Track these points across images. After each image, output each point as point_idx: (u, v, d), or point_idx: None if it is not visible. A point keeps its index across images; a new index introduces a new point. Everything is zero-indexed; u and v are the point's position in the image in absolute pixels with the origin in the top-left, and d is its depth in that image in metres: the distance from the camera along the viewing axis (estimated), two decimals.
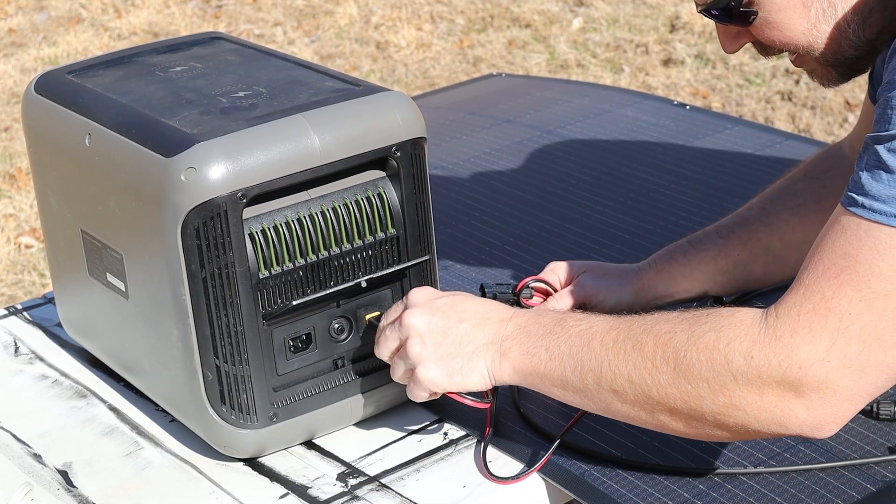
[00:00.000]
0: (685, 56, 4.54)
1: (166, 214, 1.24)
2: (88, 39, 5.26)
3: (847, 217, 1.12)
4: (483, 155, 2.09)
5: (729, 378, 1.14)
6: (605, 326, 1.22)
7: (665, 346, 1.17)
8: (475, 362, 1.27)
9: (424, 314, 1.28)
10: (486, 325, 1.28)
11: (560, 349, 1.23)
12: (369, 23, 5.19)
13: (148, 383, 1.43)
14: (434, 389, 1.28)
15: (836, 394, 1.11)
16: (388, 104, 1.33)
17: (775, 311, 1.14)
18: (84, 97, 1.40)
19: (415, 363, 1.27)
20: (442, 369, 1.27)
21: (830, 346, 1.11)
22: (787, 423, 1.14)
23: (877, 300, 1.10)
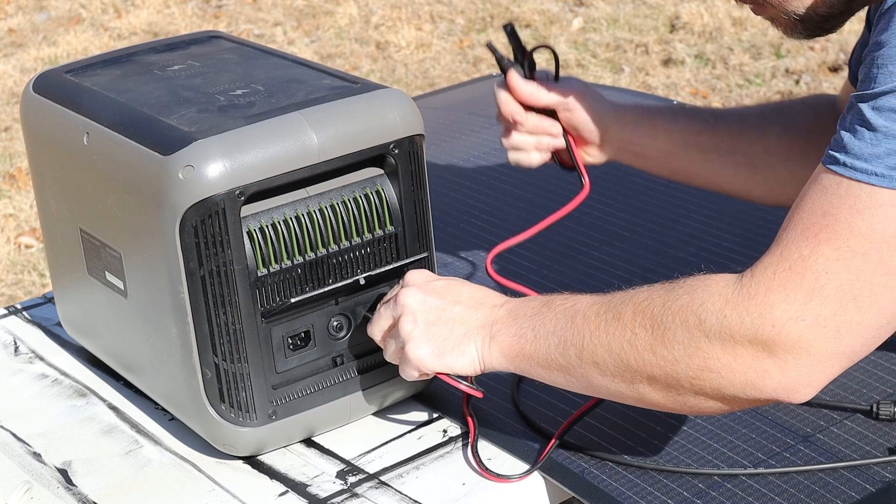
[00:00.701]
0: (685, 56, 4.54)
1: (164, 212, 1.24)
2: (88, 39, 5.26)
3: (827, 176, 1.10)
4: (483, 154, 2.09)
5: (702, 338, 1.13)
6: (589, 301, 1.22)
7: (643, 312, 1.17)
8: (466, 345, 1.27)
9: (419, 293, 1.28)
10: (479, 309, 1.28)
11: (545, 328, 1.23)
12: (369, 23, 5.19)
13: (147, 382, 1.43)
14: (423, 369, 1.28)
15: (811, 354, 1.10)
16: (386, 102, 1.33)
17: (751, 271, 1.13)
18: (82, 96, 1.40)
19: (405, 340, 1.28)
20: (432, 348, 1.27)
21: (805, 305, 1.09)
22: (762, 384, 1.12)
23: (854, 259, 1.08)
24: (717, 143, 1.49)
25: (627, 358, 1.17)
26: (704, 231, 1.76)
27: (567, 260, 1.72)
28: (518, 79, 1.50)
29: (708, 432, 1.33)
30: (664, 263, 1.68)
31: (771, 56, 4.48)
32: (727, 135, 1.49)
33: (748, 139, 1.49)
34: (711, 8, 4.85)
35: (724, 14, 4.79)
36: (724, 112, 1.53)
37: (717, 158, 1.49)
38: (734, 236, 1.74)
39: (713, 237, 1.74)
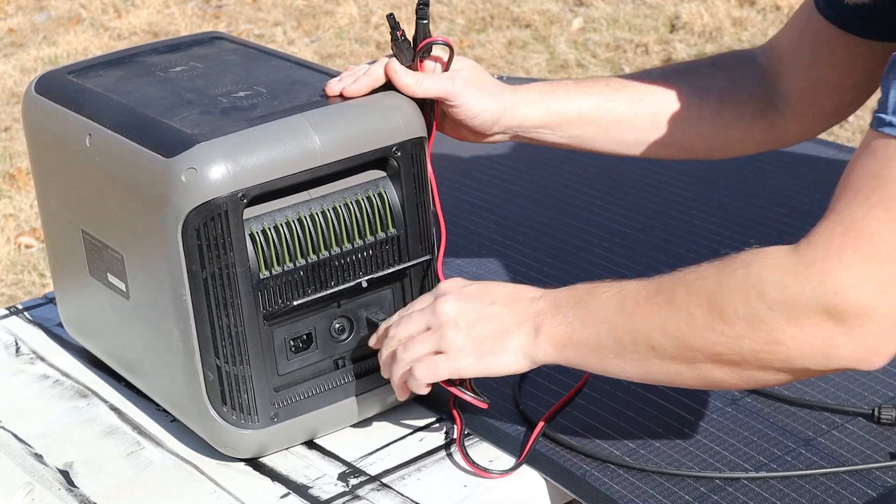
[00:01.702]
0: (685, 56, 4.54)
1: (167, 215, 1.24)
2: (88, 39, 5.26)
3: (876, 139, 1.08)
4: (483, 154, 2.09)
5: (765, 311, 1.10)
6: (636, 287, 1.19)
7: (697, 291, 1.14)
8: (507, 342, 1.24)
9: (456, 301, 1.26)
10: (518, 303, 1.25)
11: (593, 315, 1.20)
12: (369, 23, 5.19)
13: (149, 383, 1.43)
14: (461, 376, 1.26)
15: (875, 320, 1.07)
16: (389, 104, 1.33)
17: (806, 239, 1.10)
18: (84, 97, 1.40)
19: (445, 349, 1.25)
20: (473, 355, 1.25)
21: (864, 270, 1.06)
22: (832, 354, 1.09)
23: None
24: (618, 114, 1.44)
25: (686, 339, 1.15)
26: (706, 227, 1.76)
27: (568, 257, 1.72)
28: (397, 66, 1.36)
29: (710, 435, 1.33)
30: (665, 260, 1.68)
31: None
32: (629, 102, 1.45)
33: (645, 100, 1.45)
34: (711, 8, 4.85)
35: (724, 14, 4.79)
36: (626, 80, 1.47)
37: (620, 127, 1.45)
38: (735, 233, 1.74)
39: (715, 234, 1.74)
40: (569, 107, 1.44)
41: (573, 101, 1.44)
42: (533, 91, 1.44)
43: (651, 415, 1.37)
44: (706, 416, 1.36)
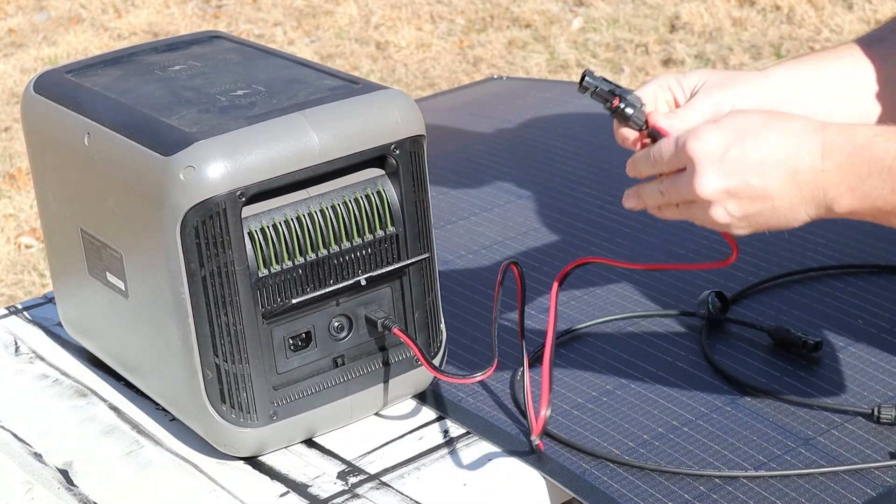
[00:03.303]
0: (685, 56, 4.54)
1: (165, 213, 1.24)
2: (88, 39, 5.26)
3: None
4: (483, 154, 2.09)
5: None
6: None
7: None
8: (793, 215, 1.11)
9: (721, 177, 1.09)
10: (796, 176, 1.09)
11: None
12: (369, 23, 5.19)
13: (148, 382, 1.43)
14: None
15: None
16: (387, 102, 1.33)
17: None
18: (83, 96, 1.40)
19: (717, 226, 1.13)
20: (750, 229, 1.13)
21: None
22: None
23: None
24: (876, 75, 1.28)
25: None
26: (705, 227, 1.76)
27: (567, 256, 1.72)
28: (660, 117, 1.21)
29: (709, 434, 1.33)
30: (665, 261, 1.68)
31: (771, 56, 4.47)
32: (882, 62, 1.28)
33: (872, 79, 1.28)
34: (711, 8, 4.85)
35: (724, 14, 4.79)
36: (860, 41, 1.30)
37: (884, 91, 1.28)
38: None
39: (715, 234, 1.74)
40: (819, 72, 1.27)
41: (822, 66, 1.27)
42: (784, 63, 1.29)
43: (651, 414, 1.37)
44: (706, 415, 1.36)
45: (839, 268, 1.63)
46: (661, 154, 1.13)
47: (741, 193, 1.09)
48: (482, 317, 1.58)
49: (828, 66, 1.26)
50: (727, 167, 1.09)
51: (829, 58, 1.27)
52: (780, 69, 1.26)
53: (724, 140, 1.09)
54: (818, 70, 1.26)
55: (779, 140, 1.09)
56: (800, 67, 1.27)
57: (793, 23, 4.71)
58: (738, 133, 1.09)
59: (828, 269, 1.63)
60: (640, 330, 1.53)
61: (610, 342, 1.51)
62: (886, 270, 1.62)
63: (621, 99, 1.20)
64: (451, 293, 1.64)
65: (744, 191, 1.09)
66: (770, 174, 1.08)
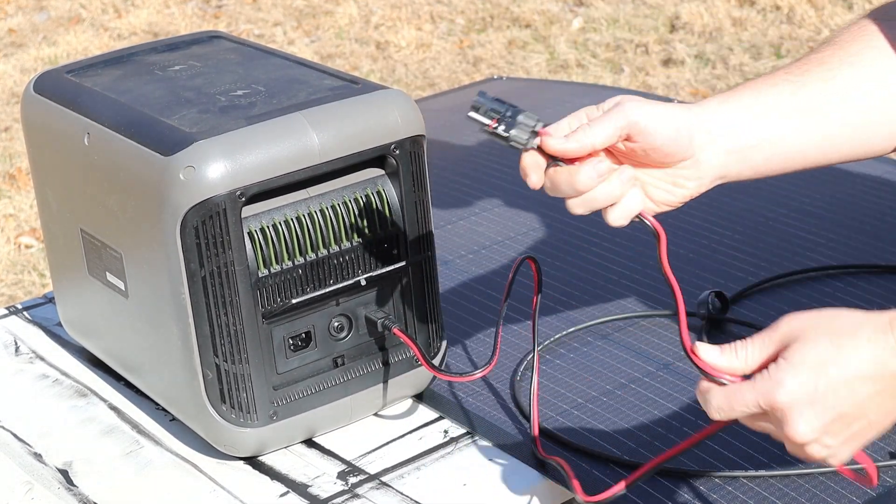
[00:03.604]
0: (685, 56, 4.54)
1: (165, 213, 1.24)
2: (88, 39, 5.26)
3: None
4: (483, 154, 2.09)
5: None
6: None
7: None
8: (891, 419, 1.03)
9: (814, 419, 1.00)
10: (888, 388, 1.01)
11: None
12: (369, 23, 5.19)
13: (148, 382, 1.43)
14: None
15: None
16: (387, 102, 1.33)
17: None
18: (83, 96, 1.40)
19: (820, 462, 1.04)
20: (853, 448, 1.04)
21: None
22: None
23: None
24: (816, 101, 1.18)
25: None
26: (706, 227, 1.76)
27: (567, 256, 1.72)
28: (557, 138, 1.12)
29: None
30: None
31: (771, 56, 4.47)
32: (822, 85, 1.18)
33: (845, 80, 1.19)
34: (711, 8, 4.85)
35: (724, 14, 4.79)
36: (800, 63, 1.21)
37: (823, 117, 1.18)
38: (735, 233, 1.74)
39: (715, 234, 1.74)
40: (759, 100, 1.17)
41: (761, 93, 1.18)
42: (720, 93, 1.19)
43: (651, 414, 1.37)
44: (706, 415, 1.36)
45: (839, 268, 1.63)
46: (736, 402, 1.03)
47: (836, 425, 1.01)
48: (482, 317, 1.58)
49: (765, 92, 1.19)
50: (820, 405, 1.00)
51: (766, 84, 1.19)
52: (713, 99, 1.18)
53: (808, 380, 1.01)
54: (755, 97, 1.18)
55: (859, 359, 1.01)
56: (738, 95, 1.18)
57: (793, 23, 4.71)
58: (818, 367, 1.01)
59: (828, 269, 1.63)
60: (640, 330, 1.53)
61: (610, 342, 1.51)
62: (886, 270, 1.62)
63: (501, 120, 1.11)
64: (451, 293, 1.64)
65: (839, 422, 1.01)
66: (860, 397, 1.01)
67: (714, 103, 1.17)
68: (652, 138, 1.12)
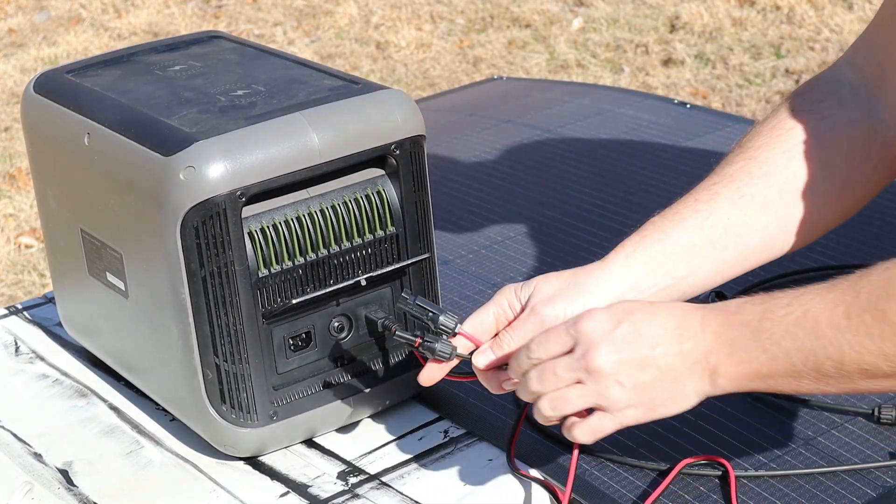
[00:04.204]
0: (685, 56, 4.54)
1: (165, 213, 1.24)
2: (88, 39, 5.26)
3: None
4: (483, 154, 2.09)
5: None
6: (825, 304, 1.06)
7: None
8: (681, 388, 1.12)
9: (613, 352, 1.11)
10: (682, 342, 1.11)
11: (780, 346, 1.08)
12: (369, 23, 5.19)
13: (148, 382, 1.43)
14: (631, 425, 1.15)
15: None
16: (387, 102, 1.33)
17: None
18: (83, 96, 1.40)
19: (613, 408, 1.12)
20: (642, 409, 1.13)
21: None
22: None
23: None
24: (726, 225, 1.25)
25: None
26: None
27: (567, 255, 1.72)
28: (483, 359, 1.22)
29: (709, 434, 1.33)
30: None
31: (771, 56, 4.47)
32: (731, 207, 1.25)
33: (756, 197, 1.25)
34: (711, 8, 4.85)
35: (724, 14, 4.79)
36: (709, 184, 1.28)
37: (737, 239, 1.25)
38: None
39: None
40: (667, 245, 1.24)
41: (669, 236, 1.25)
42: (626, 246, 1.26)
43: None
44: (706, 415, 1.36)
45: (839, 268, 1.63)
46: (547, 339, 1.14)
47: (633, 362, 1.11)
48: None
49: (672, 232, 1.25)
50: (620, 340, 1.11)
51: (674, 220, 1.26)
52: (622, 253, 1.25)
53: (613, 317, 1.12)
54: (663, 241, 1.25)
55: (665, 314, 1.13)
56: (643, 244, 1.25)
57: (793, 23, 4.71)
58: (626, 311, 1.13)
59: (828, 269, 1.63)
60: None
61: None
62: None
63: (423, 333, 1.23)
64: (451, 293, 1.64)
65: (635, 359, 1.11)
66: (659, 344, 1.11)
67: (621, 261, 1.24)
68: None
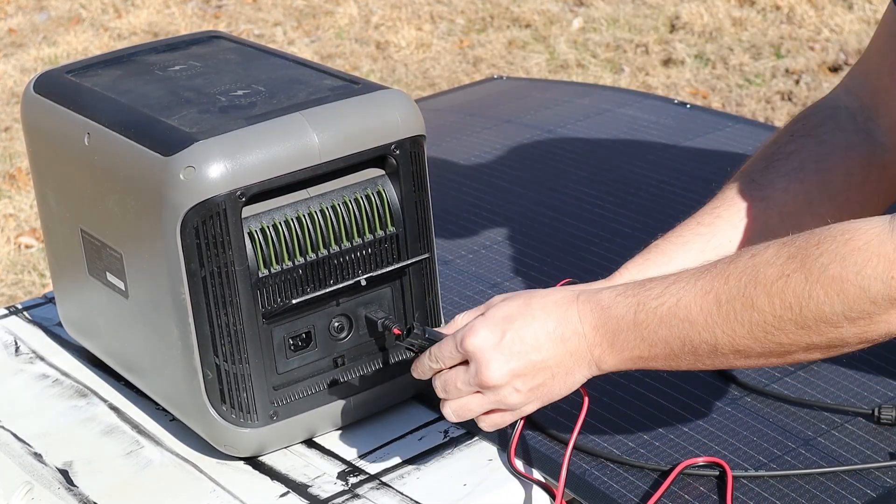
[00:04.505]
0: (685, 56, 4.54)
1: (165, 213, 1.24)
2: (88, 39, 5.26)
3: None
4: (484, 154, 2.09)
5: (868, 305, 1.03)
6: (696, 292, 1.11)
7: (782, 294, 1.06)
8: (571, 378, 1.19)
9: (503, 363, 1.17)
10: (566, 343, 1.18)
11: (658, 334, 1.13)
12: (369, 23, 5.19)
13: (148, 382, 1.43)
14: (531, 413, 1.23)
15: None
16: (387, 102, 1.33)
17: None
18: (83, 96, 1.40)
19: (513, 409, 1.20)
20: (538, 401, 1.20)
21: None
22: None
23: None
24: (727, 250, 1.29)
25: (778, 339, 1.08)
26: None
27: (567, 256, 1.72)
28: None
29: (709, 434, 1.33)
30: None
31: (771, 56, 4.47)
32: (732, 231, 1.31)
33: (756, 220, 1.31)
34: (711, 8, 4.85)
35: (724, 14, 4.79)
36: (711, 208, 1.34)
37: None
38: None
39: None
40: (670, 268, 1.27)
41: (671, 260, 1.31)
42: (630, 271, 1.32)
43: (651, 414, 1.37)
44: (706, 415, 1.36)
45: None
46: (441, 353, 1.21)
47: (524, 370, 1.18)
48: None
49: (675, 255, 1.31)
50: (508, 351, 1.18)
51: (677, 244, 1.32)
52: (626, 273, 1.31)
53: (496, 329, 1.18)
54: (666, 264, 1.30)
55: (544, 316, 1.18)
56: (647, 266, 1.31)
57: (793, 23, 4.71)
58: (505, 320, 1.19)
59: None
60: None
61: None
62: None
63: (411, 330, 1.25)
64: (451, 293, 1.64)
65: (526, 367, 1.18)
66: (544, 347, 1.18)
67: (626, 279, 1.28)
68: None
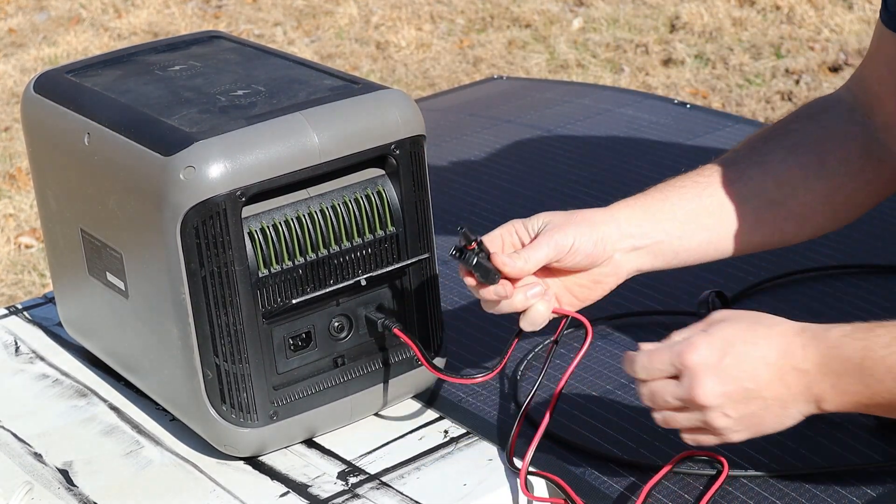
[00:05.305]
0: (685, 56, 4.54)
1: (165, 213, 1.24)
2: (88, 39, 5.26)
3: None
4: (484, 154, 2.09)
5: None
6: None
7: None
8: (786, 412, 1.17)
9: (718, 384, 1.15)
10: (786, 377, 1.15)
11: (884, 384, 1.13)
12: (369, 23, 5.19)
13: (148, 382, 1.43)
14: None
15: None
16: (387, 102, 1.33)
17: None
18: (83, 96, 1.40)
19: (720, 433, 1.18)
20: (747, 431, 1.18)
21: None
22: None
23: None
24: (722, 201, 1.34)
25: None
26: None
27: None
28: (504, 257, 1.29)
29: None
30: None
31: (771, 56, 4.48)
32: (729, 186, 1.35)
33: (753, 181, 1.35)
34: (711, 8, 4.85)
35: (724, 14, 4.79)
36: (713, 164, 1.37)
37: (731, 215, 1.34)
38: None
39: None
40: (666, 204, 1.34)
41: (668, 197, 1.35)
42: (630, 197, 1.36)
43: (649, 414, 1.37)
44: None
45: (839, 268, 1.63)
46: (651, 363, 1.18)
47: (737, 396, 1.15)
48: (482, 317, 1.58)
49: (671, 196, 1.35)
50: (724, 374, 1.15)
51: (674, 188, 1.35)
52: (623, 204, 1.34)
53: (716, 349, 1.16)
54: (663, 201, 1.34)
55: (766, 345, 1.16)
56: (644, 200, 1.34)
57: (793, 23, 4.71)
58: (727, 342, 1.16)
59: (828, 269, 1.63)
60: (640, 329, 1.53)
61: (610, 342, 1.51)
62: (886, 271, 1.62)
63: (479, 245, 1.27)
64: (451, 293, 1.64)
65: (739, 393, 1.15)
66: (762, 377, 1.15)
67: (623, 209, 1.34)
68: (574, 258, 1.29)
